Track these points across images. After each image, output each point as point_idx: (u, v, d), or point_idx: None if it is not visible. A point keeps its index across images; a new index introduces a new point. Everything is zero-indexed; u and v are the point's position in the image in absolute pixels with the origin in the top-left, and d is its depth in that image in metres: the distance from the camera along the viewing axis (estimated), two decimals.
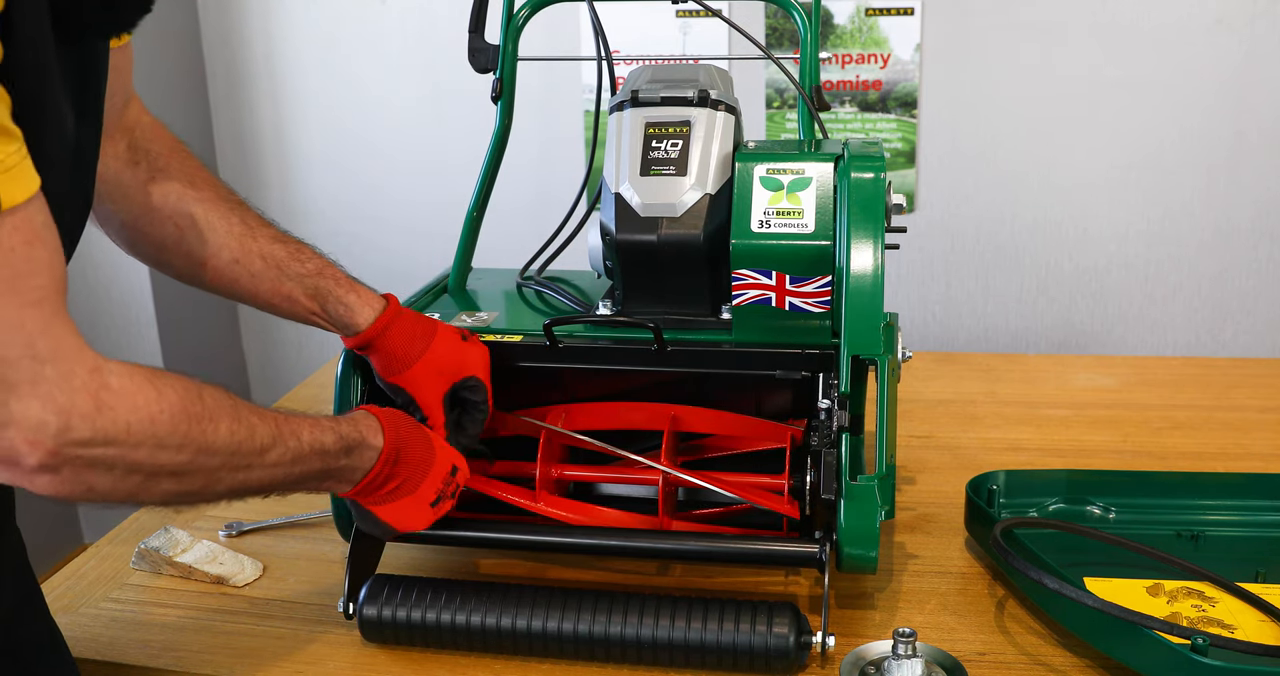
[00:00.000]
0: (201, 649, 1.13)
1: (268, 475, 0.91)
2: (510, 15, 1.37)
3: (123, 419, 0.78)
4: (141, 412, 0.79)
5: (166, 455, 0.81)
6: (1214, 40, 2.14)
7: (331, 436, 0.97)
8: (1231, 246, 2.24)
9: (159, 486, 0.83)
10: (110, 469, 0.78)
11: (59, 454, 0.75)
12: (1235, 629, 1.07)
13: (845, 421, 1.08)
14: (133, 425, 0.78)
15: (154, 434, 0.80)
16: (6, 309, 0.72)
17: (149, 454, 0.80)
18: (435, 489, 1.07)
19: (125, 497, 0.82)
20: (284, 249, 1.13)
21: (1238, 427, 1.60)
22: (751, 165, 1.19)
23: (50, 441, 0.74)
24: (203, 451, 0.84)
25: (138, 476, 0.80)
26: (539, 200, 2.11)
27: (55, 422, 0.74)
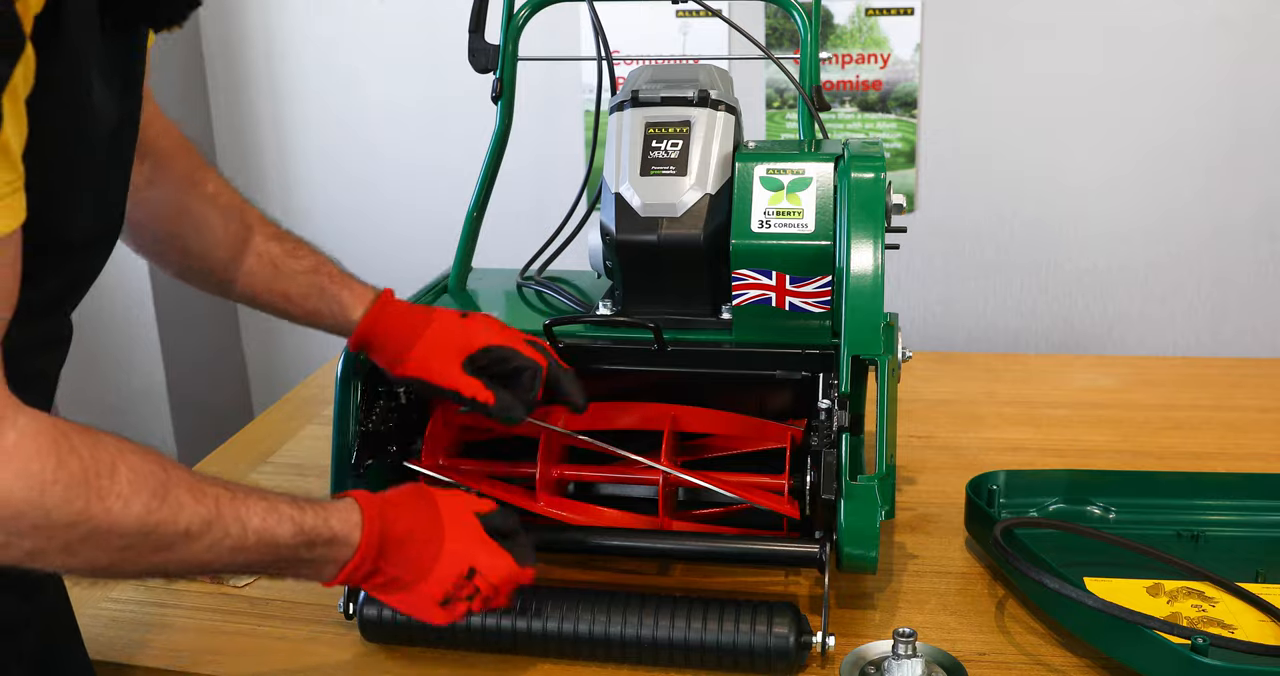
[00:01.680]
0: (202, 649, 1.13)
1: (197, 560, 0.80)
2: (510, 15, 1.37)
3: (5, 483, 0.69)
4: (30, 479, 0.69)
5: (53, 530, 0.71)
6: (1214, 40, 2.14)
7: (289, 528, 0.84)
8: (1232, 246, 2.24)
9: (50, 559, 0.73)
10: None
11: None
12: (1235, 629, 1.07)
13: (845, 421, 1.08)
14: (15, 492, 0.69)
15: (41, 505, 0.70)
16: None
17: (30, 526, 0.70)
18: (442, 590, 0.93)
19: (15, 563, 0.73)
20: (280, 246, 1.11)
21: (1238, 427, 1.60)
22: (752, 165, 1.19)
23: None
24: (101, 531, 0.73)
25: (25, 543, 0.71)
26: (539, 200, 2.11)
27: None
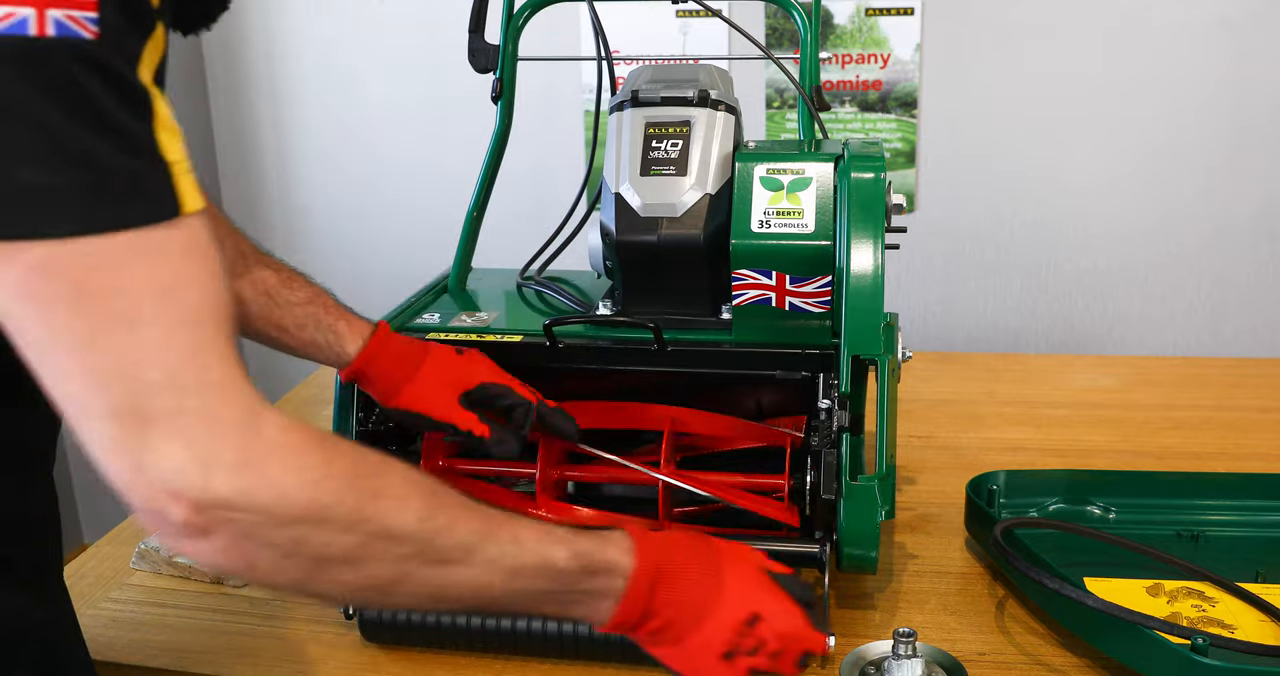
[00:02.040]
0: (202, 649, 1.13)
1: (476, 582, 0.74)
2: (510, 15, 1.37)
3: (276, 481, 0.64)
4: (303, 474, 0.65)
5: (331, 534, 0.67)
6: (1213, 40, 2.14)
7: (564, 550, 0.77)
8: (1232, 246, 2.24)
9: (331, 575, 0.68)
10: (268, 545, 0.65)
11: (205, 513, 0.63)
12: (1235, 629, 1.07)
13: (845, 421, 1.08)
14: (289, 491, 0.65)
15: (318, 502, 0.66)
16: (153, 326, 0.62)
17: (310, 530, 0.66)
18: (722, 638, 0.83)
19: (294, 586, 0.69)
20: (276, 276, 1.09)
21: (1238, 427, 1.60)
22: (752, 165, 1.19)
23: (193, 494, 0.62)
24: (381, 536, 0.69)
25: (302, 559, 0.67)
26: (539, 200, 2.11)
27: (195, 473, 0.62)
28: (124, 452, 0.62)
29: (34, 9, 0.58)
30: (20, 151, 0.59)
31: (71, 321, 0.61)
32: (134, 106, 0.63)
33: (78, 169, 0.60)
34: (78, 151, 0.60)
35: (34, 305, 0.61)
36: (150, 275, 0.62)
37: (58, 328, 0.61)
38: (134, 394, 0.61)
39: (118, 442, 0.62)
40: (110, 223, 0.61)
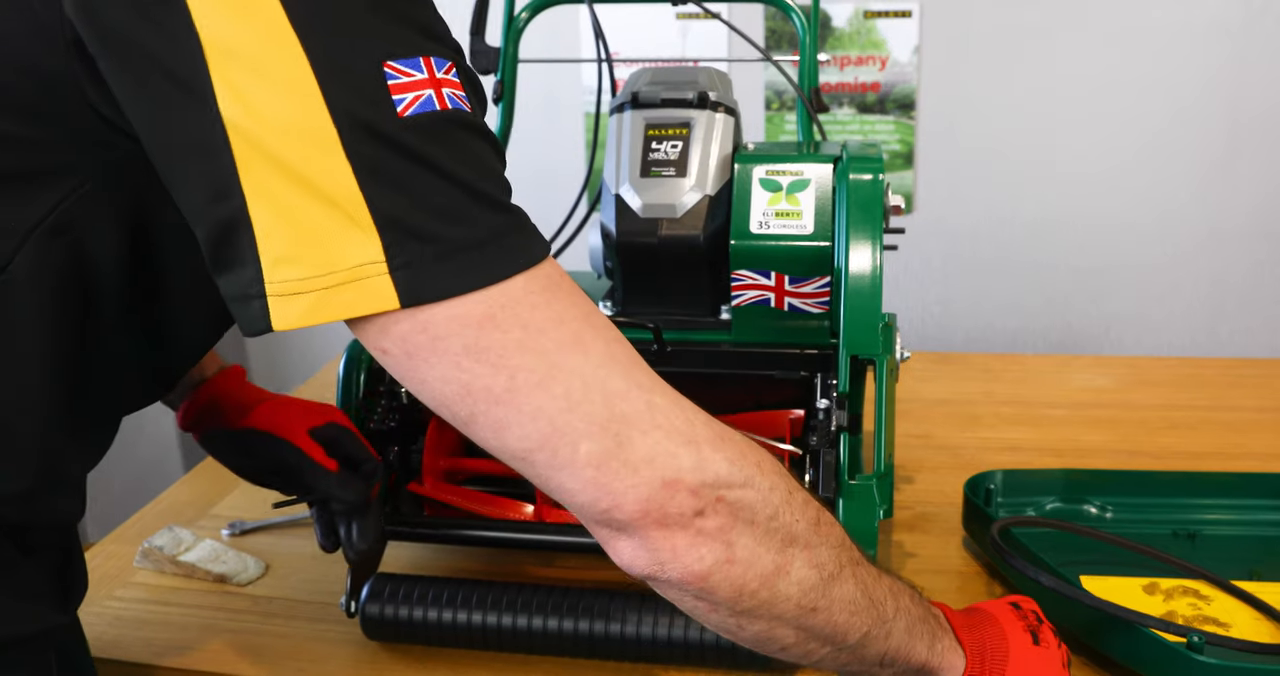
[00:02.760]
0: (205, 647, 1.14)
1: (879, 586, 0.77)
2: (511, 18, 1.37)
3: (750, 454, 0.70)
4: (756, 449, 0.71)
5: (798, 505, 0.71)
6: (1210, 42, 2.14)
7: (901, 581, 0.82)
8: (1228, 247, 2.25)
9: (795, 554, 0.70)
10: (752, 522, 0.68)
11: (701, 494, 0.66)
12: (1230, 627, 1.08)
13: (844, 421, 1.08)
14: (763, 462, 0.70)
15: (779, 473, 0.71)
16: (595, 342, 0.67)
17: (782, 499, 0.70)
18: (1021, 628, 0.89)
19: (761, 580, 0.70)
20: None
21: (1234, 427, 1.60)
22: (751, 167, 1.20)
23: (691, 476, 0.66)
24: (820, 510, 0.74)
25: (776, 539, 0.70)
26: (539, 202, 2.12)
27: (687, 454, 0.66)
28: (613, 462, 0.65)
29: (432, 89, 0.66)
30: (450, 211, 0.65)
31: (531, 361, 0.65)
32: (501, 159, 0.71)
33: (492, 215, 0.66)
34: (488, 206, 0.66)
35: (485, 360, 0.64)
36: (571, 300, 0.68)
37: (518, 371, 0.64)
38: (608, 404, 0.66)
39: (604, 456, 0.65)
40: (529, 260, 0.67)
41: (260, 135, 0.63)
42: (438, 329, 0.64)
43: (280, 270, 0.64)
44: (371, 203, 0.63)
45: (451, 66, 0.68)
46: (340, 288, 0.63)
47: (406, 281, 0.63)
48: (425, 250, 0.64)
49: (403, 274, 0.63)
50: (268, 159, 0.63)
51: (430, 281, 0.64)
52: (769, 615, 0.72)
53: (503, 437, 0.66)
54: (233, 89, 0.62)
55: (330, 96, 0.63)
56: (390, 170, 0.64)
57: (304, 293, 0.64)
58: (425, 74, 0.66)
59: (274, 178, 0.63)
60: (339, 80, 0.63)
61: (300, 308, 0.64)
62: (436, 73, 0.66)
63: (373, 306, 0.64)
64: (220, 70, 0.62)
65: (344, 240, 0.63)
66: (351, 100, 0.63)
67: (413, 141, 0.64)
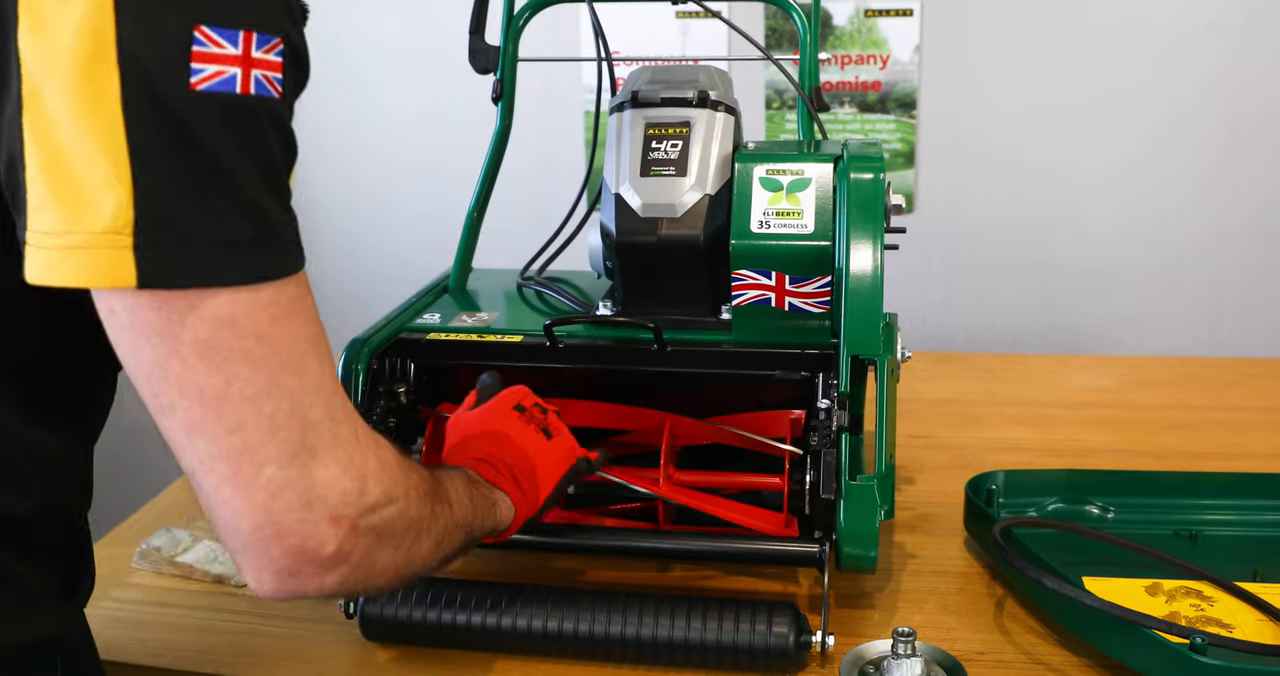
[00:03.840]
0: (203, 648, 1.13)
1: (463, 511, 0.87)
2: (510, 16, 1.37)
3: (398, 474, 0.74)
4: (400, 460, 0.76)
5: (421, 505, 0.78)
6: (1210, 41, 2.14)
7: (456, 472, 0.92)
8: (1229, 246, 2.24)
9: (421, 546, 0.79)
10: (392, 535, 0.74)
11: (358, 528, 0.70)
12: (1233, 628, 1.07)
13: (845, 421, 1.08)
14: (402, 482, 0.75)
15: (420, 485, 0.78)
16: (315, 368, 0.68)
17: (418, 506, 0.77)
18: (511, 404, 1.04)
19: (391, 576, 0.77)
20: None
21: (1235, 427, 1.60)
22: (751, 166, 1.19)
23: (352, 512, 0.69)
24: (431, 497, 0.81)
25: (409, 538, 0.76)
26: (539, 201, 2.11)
27: (354, 488, 0.69)
28: (289, 493, 0.66)
29: (240, 69, 0.62)
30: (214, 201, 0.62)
31: (251, 372, 0.64)
32: (290, 162, 0.68)
33: (259, 221, 0.64)
34: (259, 205, 0.64)
35: (211, 359, 0.63)
36: (307, 320, 0.68)
37: (235, 379, 0.64)
38: (304, 434, 0.66)
39: (283, 486, 0.66)
40: (281, 271, 0.66)
41: (46, 71, 0.59)
42: (171, 315, 0.62)
43: (37, 218, 0.60)
44: (135, 170, 0.59)
45: (276, 46, 0.63)
46: (79, 251, 0.60)
47: (149, 263, 0.60)
48: (177, 236, 0.60)
49: (147, 253, 0.60)
50: (47, 97, 0.59)
51: (174, 269, 0.61)
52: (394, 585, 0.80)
53: (191, 437, 0.65)
54: (34, 17, 0.59)
55: (124, 43, 0.59)
56: (164, 142, 0.60)
57: (47, 248, 0.60)
58: (239, 50, 0.61)
59: (49, 119, 0.59)
60: (140, 28, 0.59)
61: (40, 262, 0.61)
62: (254, 51, 0.62)
63: (108, 280, 0.60)
64: None
65: (97, 201, 0.59)
66: (145, 53, 0.59)
67: (195, 119, 0.60)
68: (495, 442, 1.00)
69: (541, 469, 1.01)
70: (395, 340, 1.23)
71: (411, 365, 1.24)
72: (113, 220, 0.60)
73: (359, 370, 1.19)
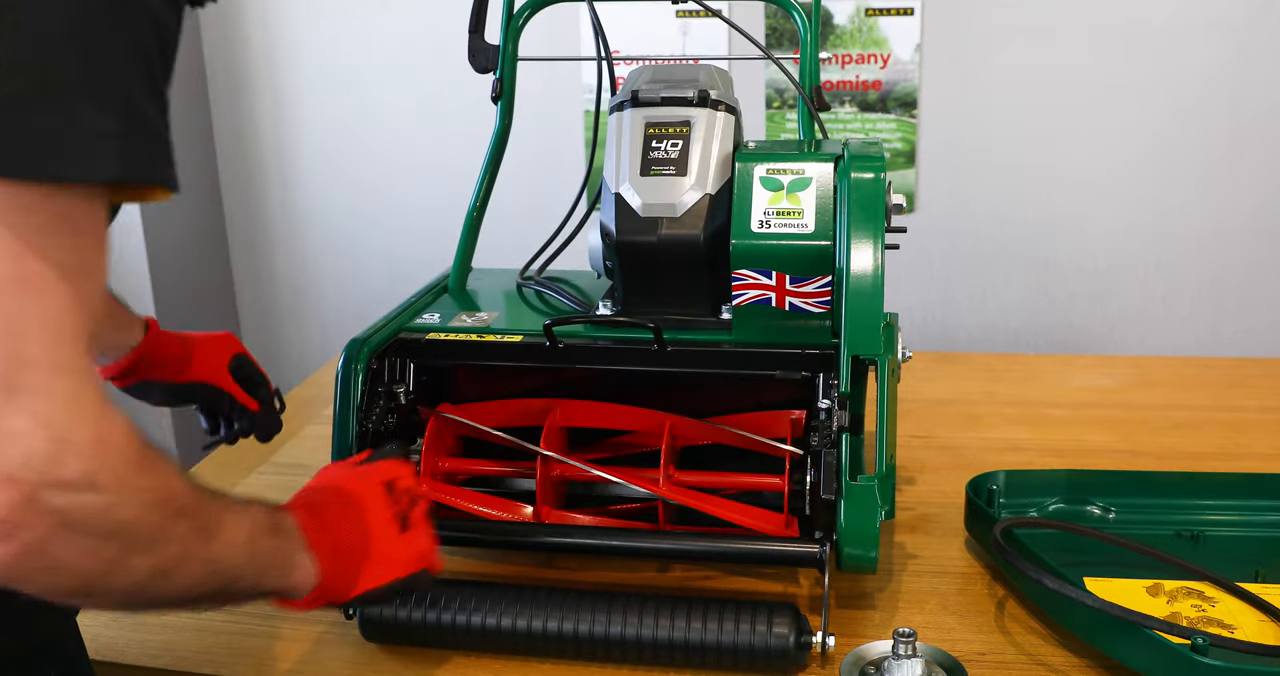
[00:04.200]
0: (201, 648, 1.13)
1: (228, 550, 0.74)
2: (510, 15, 1.37)
3: (118, 463, 0.62)
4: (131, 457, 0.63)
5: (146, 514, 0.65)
6: (1211, 40, 2.14)
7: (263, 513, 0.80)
8: (1230, 246, 2.24)
9: (131, 562, 0.65)
10: (85, 532, 0.62)
11: (35, 501, 0.58)
12: (1235, 629, 1.07)
13: (845, 421, 1.08)
14: (122, 475, 0.63)
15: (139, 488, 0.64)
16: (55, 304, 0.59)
17: (140, 512, 0.64)
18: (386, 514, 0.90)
19: (83, 582, 0.64)
20: None
21: (1237, 427, 1.60)
22: (751, 165, 1.19)
23: (33, 478, 0.58)
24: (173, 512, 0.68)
25: (113, 547, 0.64)
26: (539, 200, 2.11)
27: (43, 452, 0.58)
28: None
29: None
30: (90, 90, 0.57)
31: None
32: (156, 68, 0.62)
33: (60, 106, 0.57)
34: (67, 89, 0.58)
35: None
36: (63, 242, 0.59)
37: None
38: (13, 363, 0.58)
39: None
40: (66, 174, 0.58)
41: None
42: None
43: None
44: None
45: None
46: None
47: None
48: None
49: None
50: None
51: None
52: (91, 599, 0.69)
53: None
54: None
55: None
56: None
57: None
58: None
59: None
60: None
61: None
62: None
63: None
64: None
65: None
66: None
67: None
68: (340, 504, 0.88)
69: (376, 557, 0.87)
70: (395, 340, 1.23)
71: (411, 365, 1.23)
72: None
73: (359, 370, 1.19)
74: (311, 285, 2.68)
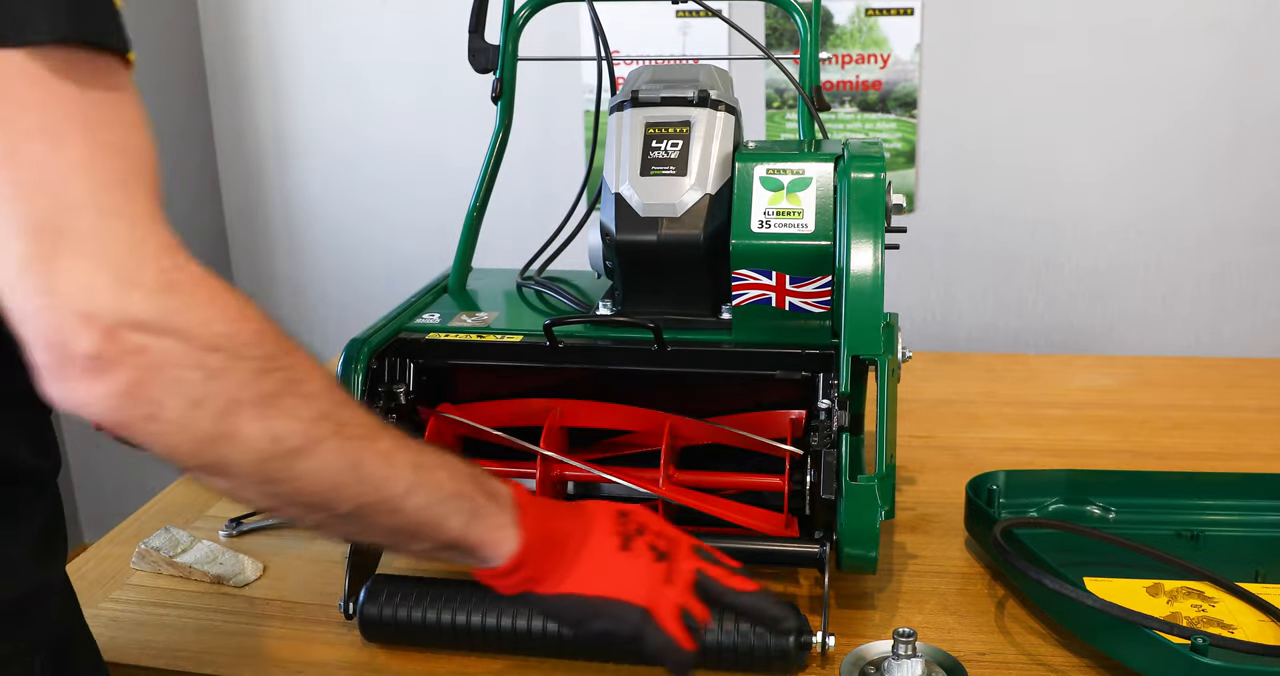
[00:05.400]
0: (202, 649, 1.13)
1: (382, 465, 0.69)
2: (510, 15, 1.37)
3: (199, 309, 0.61)
4: (222, 308, 0.62)
5: (246, 374, 0.62)
6: (1211, 40, 2.14)
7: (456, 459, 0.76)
8: (1230, 246, 2.24)
9: (238, 426, 0.62)
10: (179, 380, 0.60)
11: (115, 337, 0.58)
12: (1235, 629, 1.07)
13: (845, 421, 1.08)
14: (211, 319, 0.61)
15: (237, 336, 0.62)
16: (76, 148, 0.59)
17: (226, 363, 0.61)
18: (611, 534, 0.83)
19: (195, 445, 0.62)
20: None
21: (1237, 427, 1.60)
22: (751, 165, 1.19)
23: (106, 315, 0.58)
24: (294, 387, 0.65)
25: (217, 402, 0.61)
26: (539, 200, 2.11)
27: (111, 292, 0.58)
28: (35, 272, 0.58)
29: None
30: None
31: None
32: None
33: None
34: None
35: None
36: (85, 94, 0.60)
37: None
38: (53, 208, 0.58)
39: (29, 260, 0.58)
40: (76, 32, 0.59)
41: None
42: None
43: None
44: None
45: None
46: None
47: None
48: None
49: None
50: None
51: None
52: (224, 476, 0.65)
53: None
54: None
55: None
56: None
57: None
58: None
59: None
60: None
61: None
62: None
63: None
64: None
65: None
66: None
67: None
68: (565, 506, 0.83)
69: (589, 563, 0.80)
70: (395, 340, 1.23)
71: (411, 365, 1.23)
72: None
73: (359, 370, 1.19)
74: (311, 285, 2.68)
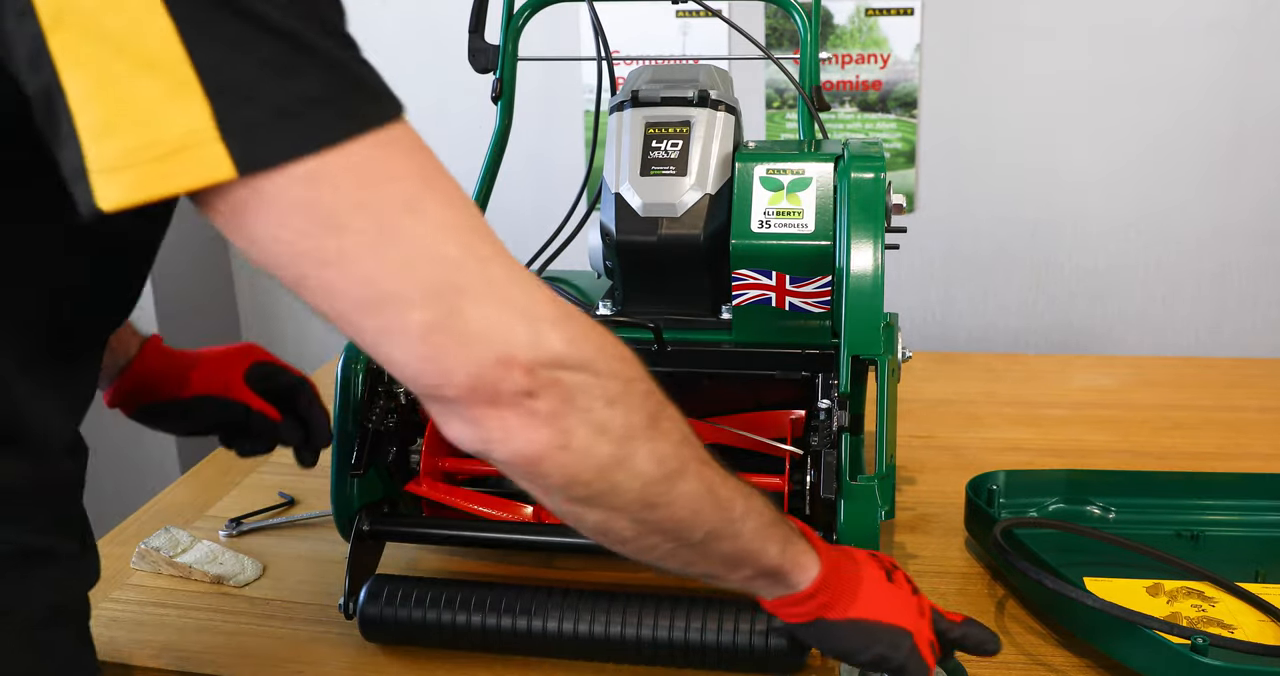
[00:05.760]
0: (202, 649, 1.13)
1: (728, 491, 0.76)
2: (510, 15, 1.37)
3: (593, 337, 0.65)
4: (601, 333, 0.66)
5: (638, 397, 0.67)
6: (1212, 40, 2.14)
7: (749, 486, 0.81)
8: (1231, 246, 2.24)
9: (637, 447, 0.67)
10: (587, 408, 0.64)
11: (536, 374, 0.62)
12: (1235, 629, 1.07)
13: (845, 421, 1.08)
14: (604, 346, 0.66)
15: (623, 361, 0.67)
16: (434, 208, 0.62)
17: (621, 388, 0.66)
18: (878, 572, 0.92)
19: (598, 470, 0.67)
20: None
21: (1237, 427, 1.60)
22: (751, 165, 1.19)
23: (526, 353, 0.62)
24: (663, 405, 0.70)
25: (617, 428, 0.66)
26: (539, 200, 2.11)
27: (524, 331, 0.62)
28: (442, 334, 0.61)
29: None
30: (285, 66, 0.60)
31: (363, 222, 0.61)
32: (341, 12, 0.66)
33: (328, 70, 0.62)
34: (324, 56, 0.62)
35: (317, 220, 0.60)
36: (413, 162, 0.63)
37: (348, 233, 0.60)
38: (442, 271, 0.61)
39: (436, 325, 0.61)
40: (374, 121, 0.63)
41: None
42: (272, 189, 0.59)
43: (101, 144, 0.58)
44: (197, 63, 0.57)
45: None
46: (169, 159, 0.58)
47: (241, 147, 0.58)
48: (258, 112, 0.59)
49: (236, 139, 0.58)
50: (76, 20, 0.57)
51: (265, 145, 0.59)
52: (606, 506, 0.69)
53: (334, 303, 0.62)
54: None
55: None
56: (215, 25, 0.58)
57: (128, 167, 0.58)
58: None
59: (84, 41, 0.57)
60: None
61: (124, 184, 0.58)
62: None
63: (206, 177, 0.58)
64: None
65: (168, 106, 0.58)
66: None
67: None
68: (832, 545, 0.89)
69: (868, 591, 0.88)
70: None
71: None
72: (193, 119, 0.58)
73: (359, 370, 1.19)
74: None
